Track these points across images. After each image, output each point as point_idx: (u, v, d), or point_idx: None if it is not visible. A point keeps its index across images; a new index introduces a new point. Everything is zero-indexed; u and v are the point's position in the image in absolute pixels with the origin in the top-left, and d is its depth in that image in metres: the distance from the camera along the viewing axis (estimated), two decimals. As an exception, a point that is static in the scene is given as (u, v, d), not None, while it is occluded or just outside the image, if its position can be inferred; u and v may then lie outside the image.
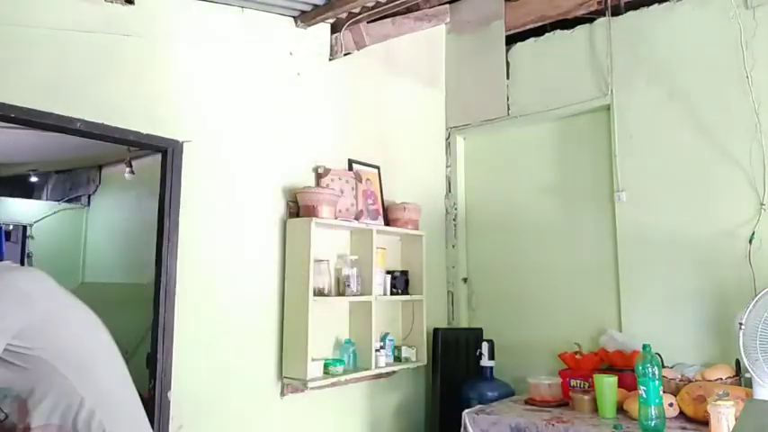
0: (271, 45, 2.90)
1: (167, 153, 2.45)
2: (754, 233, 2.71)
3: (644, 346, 2.31)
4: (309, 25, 3.03)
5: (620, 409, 2.50)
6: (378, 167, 3.35)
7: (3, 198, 5.26)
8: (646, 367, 2.24)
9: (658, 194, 3.01)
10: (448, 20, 3.92)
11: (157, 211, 2.45)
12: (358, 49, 3.25)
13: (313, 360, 2.69)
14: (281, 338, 2.77)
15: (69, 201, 5.38)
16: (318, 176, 3.02)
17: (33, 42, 2.11)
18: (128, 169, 4.19)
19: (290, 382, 2.72)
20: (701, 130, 2.91)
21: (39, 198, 5.69)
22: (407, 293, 3.29)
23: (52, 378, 1.15)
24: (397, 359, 3.23)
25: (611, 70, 3.21)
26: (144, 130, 2.36)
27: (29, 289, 1.15)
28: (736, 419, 1.94)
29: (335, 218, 2.89)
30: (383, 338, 3.17)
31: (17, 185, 5.64)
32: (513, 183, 3.66)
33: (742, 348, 2.19)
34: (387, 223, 3.25)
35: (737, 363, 2.50)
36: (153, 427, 2.28)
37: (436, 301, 3.63)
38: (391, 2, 2.99)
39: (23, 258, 5.18)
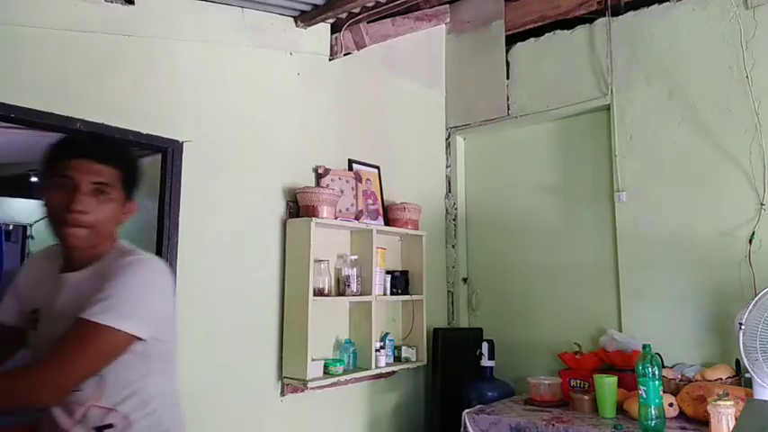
0: (271, 45, 2.90)
1: (167, 153, 2.45)
2: (754, 233, 2.71)
3: (644, 346, 2.31)
4: (309, 25, 3.03)
5: (620, 409, 2.50)
6: (378, 167, 3.35)
7: (3, 198, 5.26)
8: (646, 367, 2.24)
9: (658, 194, 3.01)
10: (448, 20, 3.93)
11: (157, 211, 2.45)
12: (358, 49, 3.25)
13: (313, 360, 2.69)
14: (281, 338, 2.77)
15: (69, 201, 5.36)
16: (318, 176, 3.02)
17: (33, 42, 2.11)
18: (128, 169, 4.18)
19: (290, 382, 2.73)
20: (701, 130, 2.91)
21: (39, 198, 5.68)
22: (407, 293, 3.29)
23: (141, 370, 1.25)
24: (397, 359, 3.23)
25: (610, 70, 3.21)
26: (144, 130, 2.36)
27: (171, 284, 1.31)
28: (736, 419, 1.94)
29: (335, 218, 2.89)
30: (383, 338, 3.17)
31: (17, 185, 5.63)
32: (513, 183, 3.65)
33: (742, 348, 2.18)
34: (387, 223, 3.25)
35: (737, 363, 2.51)
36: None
37: (436, 301, 3.63)
38: (391, 2, 3.00)
39: (23, 259, 5.18)
